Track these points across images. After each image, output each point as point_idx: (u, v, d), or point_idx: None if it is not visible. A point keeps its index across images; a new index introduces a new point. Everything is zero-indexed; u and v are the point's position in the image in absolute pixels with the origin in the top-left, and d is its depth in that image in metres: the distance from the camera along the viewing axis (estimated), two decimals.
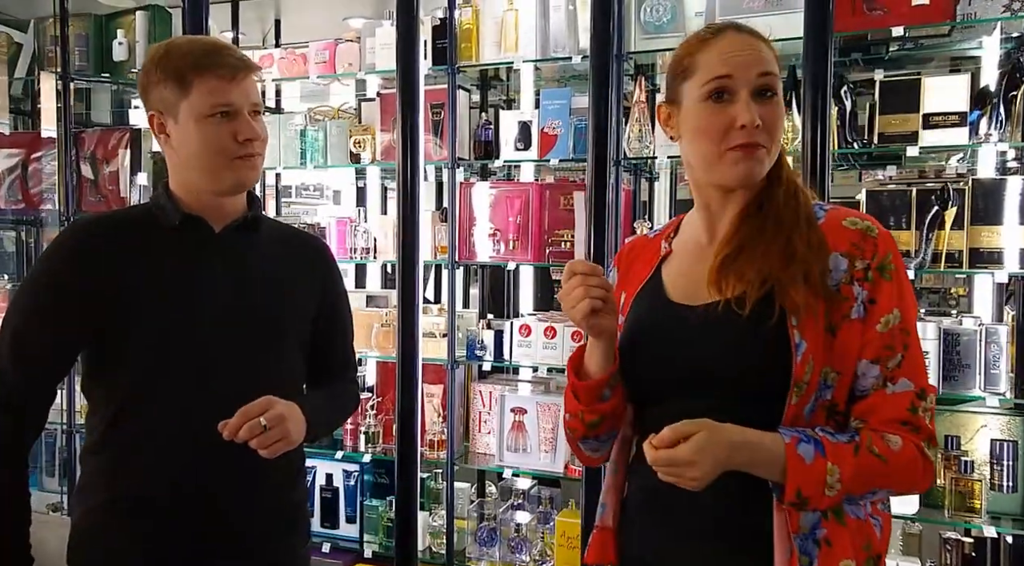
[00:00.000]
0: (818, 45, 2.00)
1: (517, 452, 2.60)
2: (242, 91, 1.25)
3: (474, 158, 2.60)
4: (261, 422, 1.17)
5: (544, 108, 2.44)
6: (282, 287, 1.35)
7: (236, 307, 1.29)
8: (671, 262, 1.20)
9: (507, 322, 2.62)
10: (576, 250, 2.44)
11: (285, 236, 1.43)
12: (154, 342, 1.24)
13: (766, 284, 1.03)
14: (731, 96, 1.05)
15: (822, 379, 1.02)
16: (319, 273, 1.43)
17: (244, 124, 1.24)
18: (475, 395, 2.74)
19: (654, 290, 1.18)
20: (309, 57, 2.68)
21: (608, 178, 2.12)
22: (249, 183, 1.31)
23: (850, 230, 1.05)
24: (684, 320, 1.10)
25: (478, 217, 2.59)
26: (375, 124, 2.69)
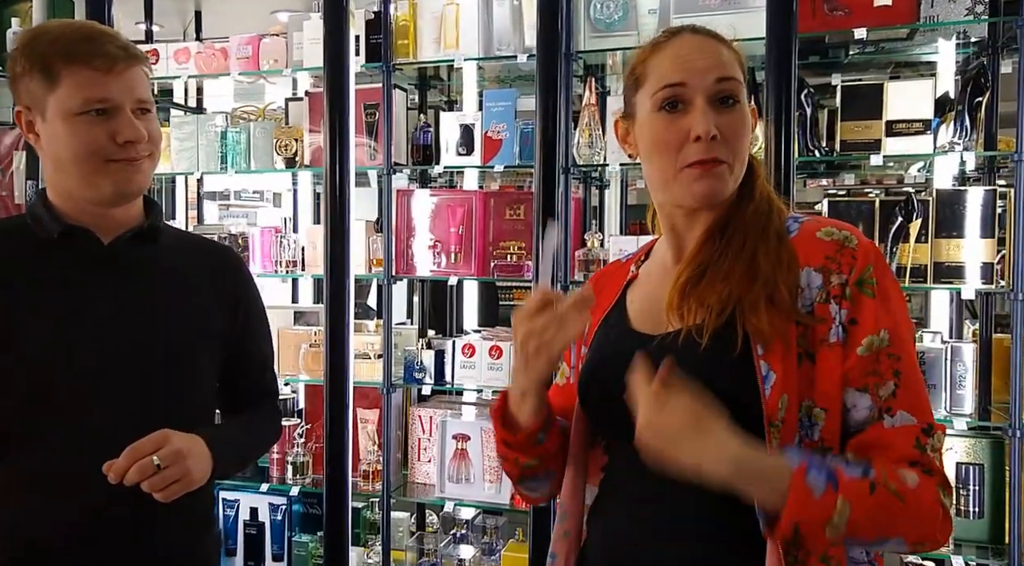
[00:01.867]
0: (782, 47, 1.89)
1: (459, 483, 2.40)
2: (123, 85, 1.09)
3: (412, 163, 2.40)
4: (154, 461, 1.02)
5: (488, 110, 2.26)
6: (187, 304, 1.19)
7: (133, 330, 1.13)
8: (636, 287, 1.08)
9: (448, 341, 2.42)
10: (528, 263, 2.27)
11: (190, 247, 1.27)
12: (33, 376, 1.09)
13: (727, 309, 0.90)
14: (685, 106, 0.94)
15: (803, 416, 0.87)
16: (229, 286, 1.27)
17: (125, 123, 1.09)
18: (414, 420, 2.53)
19: (617, 317, 1.06)
20: (230, 52, 2.44)
21: (557, 186, 1.95)
22: (133, 191, 1.14)
23: (825, 242, 0.92)
24: (643, 350, 0.95)
25: (417, 227, 2.38)
26: (303, 125, 2.46)
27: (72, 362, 1.10)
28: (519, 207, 2.31)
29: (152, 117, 1.14)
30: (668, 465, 0.84)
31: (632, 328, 1.03)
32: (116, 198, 1.12)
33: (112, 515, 1.09)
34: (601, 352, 1.06)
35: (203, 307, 1.21)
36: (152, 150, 1.14)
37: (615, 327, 1.05)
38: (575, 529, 1.08)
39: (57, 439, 1.09)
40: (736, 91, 0.94)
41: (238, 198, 4.96)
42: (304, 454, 2.50)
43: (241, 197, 5.04)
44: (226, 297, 1.25)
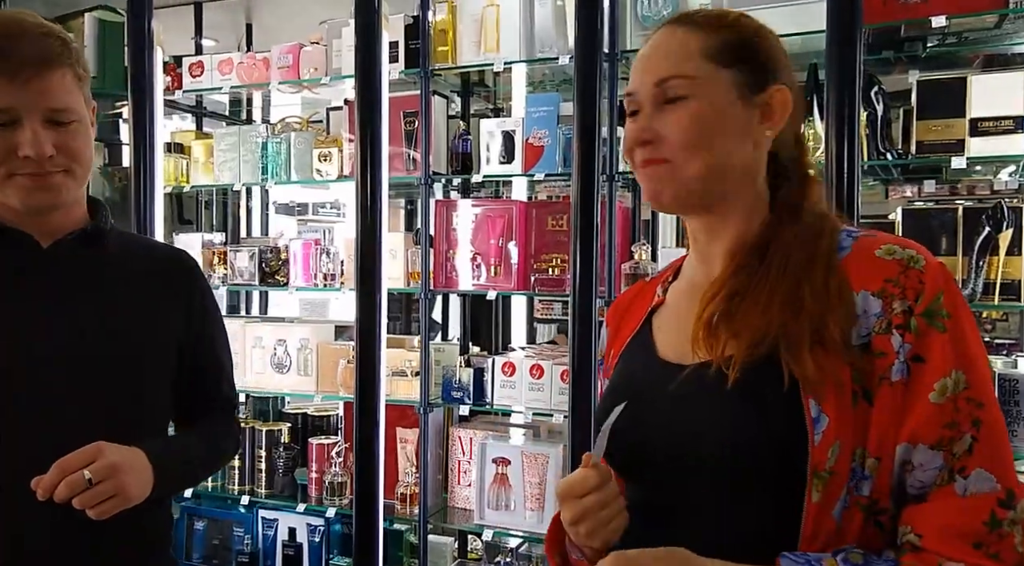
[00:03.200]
0: (844, 40, 1.70)
1: (499, 509, 2.27)
2: (29, 94, 0.98)
3: (451, 172, 2.31)
4: (85, 475, 0.94)
5: (529, 116, 2.14)
6: (136, 313, 1.13)
7: (73, 338, 1.06)
8: (664, 312, 0.96)
9: (488, 359, 2.30)
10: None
11: (139, 251, 1.21)
12: None
13: (762, 344, 0.77)
14: (638, 113, 0.88)
15: (856, 466, 0.73)
16: (182, 292, 1.20)
17: (25, 137, 0.98)
18: (454, 441, 2.42)
19: (642, 344, 0.95)
20: (271, 62, 2.41)
21: (597, 194, 1.81)
22: (45, 207, 1.05)
23: (885, 262, 0.77)
24: (669, 383, 0.84)
25: (457, 239, 2.28)
26: (343, 135, 2.40)
27: (7, 373, 1.03)
28: (562, 217, 2.18)
29: (74, 129, 1.03)
30: None
31: (659, 357, 0.90)
32: (28, 211, 1.05)
33: (57, 535, 1.02)
34: (622, 383, 0.95)
35: (151, 314, 1.14)
36: (69, 165, 1.03)
37: (640, 355, 0.94)
38: None
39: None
40: (679, 87, 0.85)
41: (315, 212, 5.00)
42: (341, 474, 2.43)
43: (319, 212, 5.09)
44: (177, 303, 1.18)
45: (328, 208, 5.20)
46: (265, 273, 2.49)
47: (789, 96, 0.86)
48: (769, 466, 0.75)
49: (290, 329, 2.53)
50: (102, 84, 2.53)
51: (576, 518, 0.83)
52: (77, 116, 1.03)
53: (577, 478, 0.83)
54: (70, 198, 1.07)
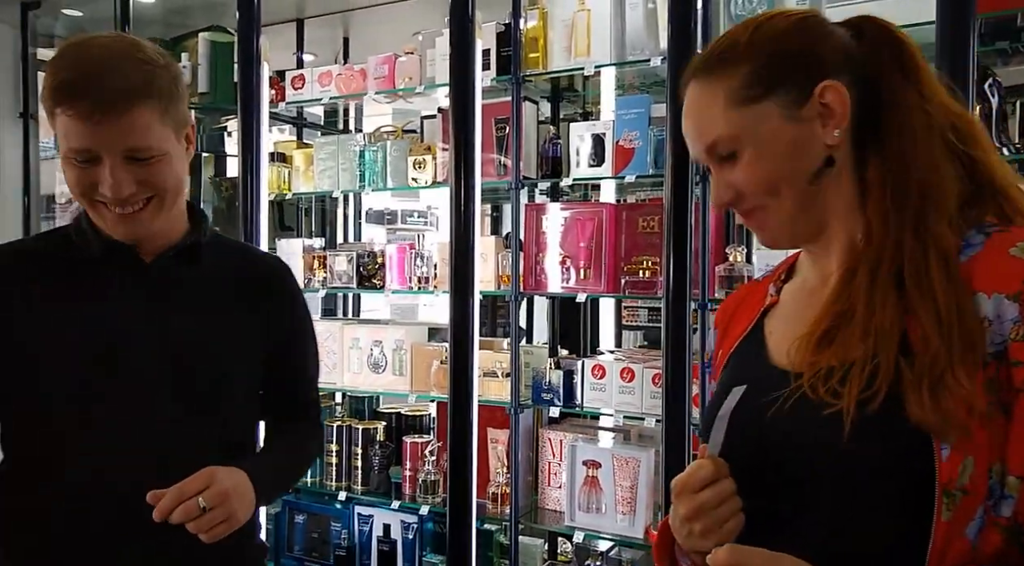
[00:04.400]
0: (956, 31, 1.63)
1: (590, 512, 2.27)
2: (107, 135, 0.96)
3: (541, 176, 2.33)
4: (199, 503, 0.98)
5: (619, 118, 2.14)
6: (225, 325, 1.15)
7: (169, 351, 1.09)
8: (777, 314, 0.92)
9: (578, 361, 2.31)
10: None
11: (234, 260, 1.22)
12: (58, 405, 1.06)
13: (877, 379, 0.72)
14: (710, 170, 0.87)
15: (993, 484, 0.68)
16: (273, 304, 1.21)
17: (104, 176, 0.97)
18: (544, 443, 2.44)
19: (753, 348, 0.91)
20: (368, 72, 2.51)
21: (691, 196, 1.79)
22: (134, 236, 1.06)
23: (1021, 260, 0.71)
24: (782, 389, 0.80)
25: (547, 242, 2.30)
26: (437, 142, 2.47)
27: (103, 395, 1.06)
28: (653, 219, 2.17)
29: (154, 163, 1.00)
30: None
31: (771, 362, 0.87)
32: (119, 237, 1.06)
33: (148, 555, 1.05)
34: (730, 383, 0.89)
35: (239, 325, 1.16)
36: (153, 195, 1.02)
37: (750, 360, 0.91)
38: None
39: (86, 459, 1.06)
40: (728, 148, 0.82)
41: (404, 221, 5.15)
42: (435, 473, 2.48)
43: (407, 221, 5.24)
44: (266, 312, 1.19)
45: (416, 216, 5.33)
46: (363, 276, 2.59)
47: (840, 88, 0.79)
48: (893, 484, 0.72)
49: (386, 331, 2.61)
50: (213, 99, 2.69)
51: (691, 514, 0.79)
52: (158, 151, 1.00)
53: (693, 470, 0.79)
54: (159, 225, 1.07)
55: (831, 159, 0.80)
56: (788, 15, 0.84)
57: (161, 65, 1.02)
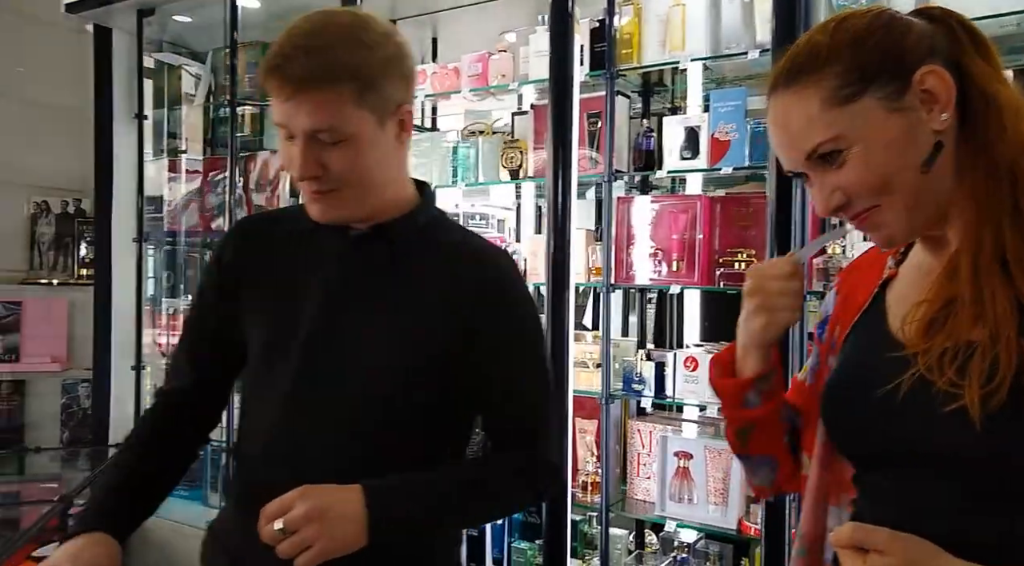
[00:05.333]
0: None
1: (681, 502, 2.29)
2: (298, 113, 0.96)
3: (634, 169, 2.36)
4: (275, 527, 0.92)
5: (715, 111, 2.15)
6: (414, 317, 1.05)
7: (341, 334, 1.06)
8: (896, 287, 0.92)
9: (670, 353, 2.33)
10: None
11: (446, 251, 1.11)
12: (257, 354, 1.14)
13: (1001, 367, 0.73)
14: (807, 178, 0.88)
15: None
16: (482, 308, 1.07)
17: (294, 153, 0.99)
18: (633, 434, 2.47)
19: (873, 322, 0.91)
20: (462, 71, 2.58)
21: (796, 189, 1.79)
22: (322, 219, 1.05)
23: None
24: (905, 368, 0.81)
25: (638, 235, 2.33)
26: (528, 138, 2.52)
27: (282, 358, 1.07)
28: (748, 212, 2.17)
29: (340, 148, 0.98)
30: None
31: (891, 334, 0.87)
32: (313, 217, 1.06)
33: None
34: (852, 360, 0.92)
35: (436, 323, 1.06)
36: (336, 186, 1.01)
37: (872, 333, 0.91)
38: (815, 564, 0.96)
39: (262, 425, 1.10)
40: (827, 149, 0.81)
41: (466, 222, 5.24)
42: None
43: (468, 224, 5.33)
44: (473, 316, 1.06)
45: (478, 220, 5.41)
46: None
47: (942, 71, 0.79)
48: (1009, 483, 0.73)
49: None
50: None
51: (753, 290, 0.92)
52: (345, 135, 0.98)
53: (772, 261, 0.94)
54: (353, 210, 1.05)
55: (939, 144, 0.80)
56: (861, 13, 0.84)
57: (376, 46, 0.98)
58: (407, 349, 1.06)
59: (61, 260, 3.59)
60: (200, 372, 1.20)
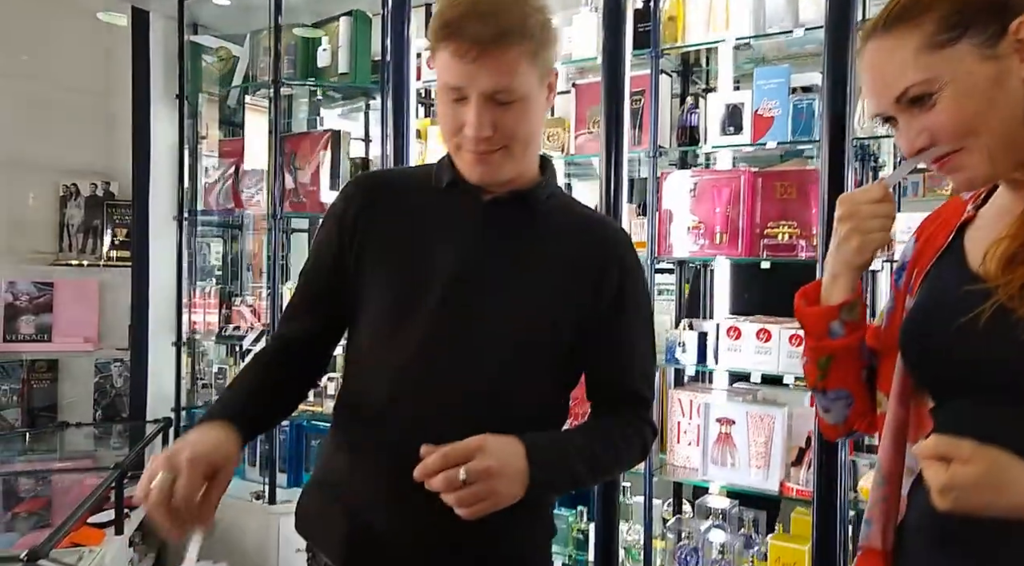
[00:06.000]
0: None
1: (724, 466, 2.38)
2: (476, 74, 1.01)
3: (677, 145, 2.43)
4: (460, 476, 0.93)
5: (759, 88, 2.23)
6: (545, 279, 1.12)
7: (477, 292, 1.10)
8: (975, 228, 0.98)
9: (712, 322, 2.41)
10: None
11: (575, 220, 1.19)
12: (381, 310, 1.14)
13: None
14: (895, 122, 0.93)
15: None
16: (605, 269, 1.14)
17: (469, 113, 1.03)
18: (673, 403, 2.55)
19: (952, 260, 0.97)
20: None
21: (847, 163, 1.86)
22: (484, 180, 1.10)
23: None
24: (984, 299, 0.87)
25: (680, 209, 2.41)
26: (569, 117, 2.59)
27: (410, 313, 1.10)
28: (790, 187, 2.25)
29: (512, 108, 1.04)
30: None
31: (970, 270, 0.93)
32: (474, 180, 1.10)
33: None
34: (932, 294, 0.98)
35: (566, 287, 1.12)
36: (506, 144, 1.06)
37: (949, 269, 0.97)
38: (893, 495, 1.02)
39: (384, 383, 1.11)
40: (921, 91, 0.87)
41: None
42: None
43: None
44: (597, 280, 1.14)
45: None
46: None
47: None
48: None
49: None
50: (353, 79, 2.86)
51: (846, 215, 0.95)
52: (519, 95, 1.03)
53: (863, 188, 0.95)
54: (508, 173, 1.10)
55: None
56: None
57: (542, 9, 1.05)
58: (543, 304, 1.12)
59: (90, 243, 3.63)
60: (315, 322, 1.22)
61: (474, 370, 1.09)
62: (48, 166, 3.40)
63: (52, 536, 1.65)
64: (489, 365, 1.09)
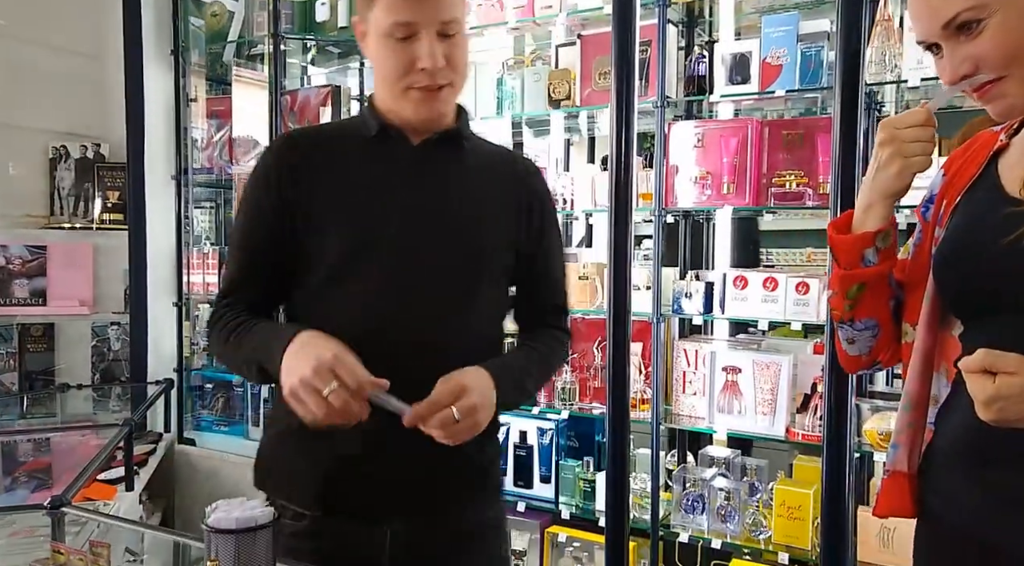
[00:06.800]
0: None
1: (730, 414, 2.42)
2: (427, 7, 1.09)
3: (684, 95, 2.43)
4: (453, 415, 1.05)
5: (767, 36, 2.22)
6: (481, 209, 1.23)
7: (429, 225, 1.19)
8: (1009, 156, 1.00)
9: (718, 273, 2.43)
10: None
11: (492, 155, 1.30)
12: (337, 256, 1.17)
13: None
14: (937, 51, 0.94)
15: None
16: (525, 197, 1.28)
17: (424, 47, 1.10)
18: (678, 353, 2.58)
19: (987, 187, 0.99)
20: (506, 3, 2.60)
21: (860, 109, 1.86)
22: (432, 117, 1.18)
23: None
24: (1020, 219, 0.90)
25: (686, 160, 2.41)
26: (574, 68, 2.57)
27: (373, 250, 1.16)
28: (797, 135, 2.26)
29: (457, 41, 1.13)
30: None
31: (1008, 194, 0.96)
32: (416, 122, 1.18)
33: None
34: (968, 220, 1.00)
35: (498, 214, 1.24)
36: (453, 78, 1.14)
37: (984, 196, 0.99)
38: (919, 421, 1.05)
39: (354, 324, 1.13)
40: (972, 16, 0.88)
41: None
42: (572, 382, 2.65)
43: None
44: (521, 208, 1.27)
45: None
46: None
47: None
48: None
49: None
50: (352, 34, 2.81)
51: (887, 139, 0.96)
52: (460, 27, 1.14)
53: (905, 112, 0.96)
54: (450, 109, 1.21)
55: None
56: None
57: None
58: (484, 235, 1.23)
59: (82, 206, 3.56)
60: (258, 294, 1.23)
61: (436, 305, 1.18)
62: (36, 128, 3.32)
63: (72, 485, 1.65)
64: (449, 300, 1.19)
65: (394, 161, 1.20)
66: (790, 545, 2.28)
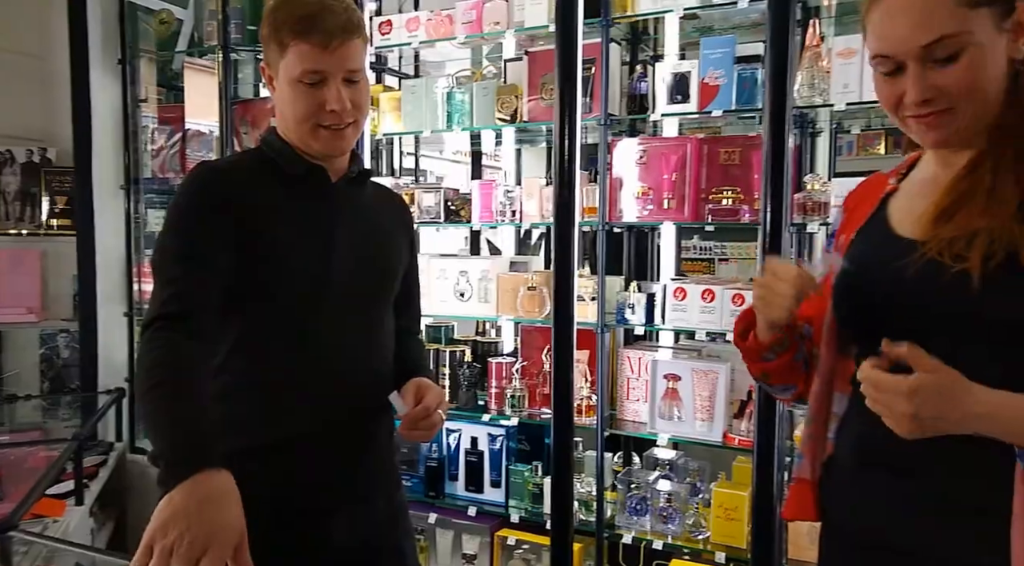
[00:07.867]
0: None
1: (671, 420, 2.51)
2: (336, 59, 1.23)
3: (627, 113, 2.51)
4: (441, 416, 1.33)
5: (705, 57, 2.31)
6: (390, 241, 1.43)
7: (360, 257, 1.34)
8: (898, 198, 1.10)
9: (659, 285, 2.52)
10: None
11: (381, 191, 1.51)
12: (284, 286, 1.27)
13: (996, 251, 0.89)
14: (900, 71, 0.95)
15: None
16: (408, 229, 1.52)
17: (332, 93, 1.24)
18: (622, 361, 2.67)
19: (877, 225, 1.08)
20: (456, 18, 2.65)
21: (788, 130, 1.96)
22: (337, 153, 1.32)
23: None
24: (906, 254, 0.98)
25: (629, 176, 2.49)
26: (522, 84, 2.63)
27: (326, 285, 1.29)
28: (734, 153, 2.35)
29: (359, 86, 1.29)
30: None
31: (896, 233, 1.04)
32: (323, 157, 1.32)
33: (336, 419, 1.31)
34: (861, 258, 1.08)
35: (396, 244, 1.45)
36: (356, 117, 1.30)
37: (875, 233, 1.08)
38: (820, 433, 1.15)
39: (285, 343, 1.27)
40: (951, 46, 0.90)
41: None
42: (521, 389, 2.72)
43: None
44: (406, 235, 1.50)
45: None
46: (450, 211, 2.78)
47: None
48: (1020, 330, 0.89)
49: (470, 262, 2.81)
50: None
51: (761, 284, 1.06)
52: (363, 75, 1.30)
53: (785, 265, 1.05)
54: (352, 143, 1.35)
55: (1017, 72, 0.94)
56: None
57: (355, 7, 1.32)
58: (395, 259, 1.44)
59: (28, 211, 3.51)
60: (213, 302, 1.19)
61: (368, 331, 1.37)
62: None
63: (20, 507, 1.66)
64: (374, 324, 1.39)
65: (322, 198, 1.33)
66: (728, 545, 2.38)
